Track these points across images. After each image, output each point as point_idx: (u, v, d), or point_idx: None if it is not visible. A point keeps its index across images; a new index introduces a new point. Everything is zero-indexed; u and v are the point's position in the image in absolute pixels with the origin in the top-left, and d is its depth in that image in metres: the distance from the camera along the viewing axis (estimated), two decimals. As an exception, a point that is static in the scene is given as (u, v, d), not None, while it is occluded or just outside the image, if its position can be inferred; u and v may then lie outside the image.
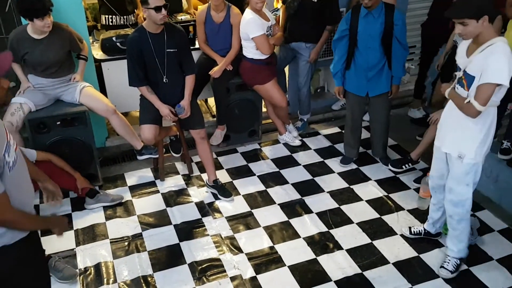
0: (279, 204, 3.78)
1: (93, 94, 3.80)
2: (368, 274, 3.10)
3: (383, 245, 3.33)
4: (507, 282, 3.03)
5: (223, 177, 4.07)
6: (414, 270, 3.13)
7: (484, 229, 3.46)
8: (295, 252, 3.29)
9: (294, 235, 3.45)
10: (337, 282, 3.04)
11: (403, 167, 4.11)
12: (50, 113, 3.67)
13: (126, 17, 4.86)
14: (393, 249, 3.31)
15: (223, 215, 3.66)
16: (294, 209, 3.72)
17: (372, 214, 3.65)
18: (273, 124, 4.69)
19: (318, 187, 3.99)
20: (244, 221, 3.60)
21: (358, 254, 3.27)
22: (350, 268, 3.15)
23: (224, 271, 3.14)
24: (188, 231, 3.49)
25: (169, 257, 3.25)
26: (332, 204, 3.77)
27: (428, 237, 3.35)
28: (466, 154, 2.77)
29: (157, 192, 3.95)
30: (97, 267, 3.17)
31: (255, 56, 4.12)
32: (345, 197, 3.86)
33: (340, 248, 3.32)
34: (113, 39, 4.20)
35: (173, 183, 4.06)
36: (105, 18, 4.84)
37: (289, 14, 4.40)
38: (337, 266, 3.16)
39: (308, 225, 3.54)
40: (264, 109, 4.66)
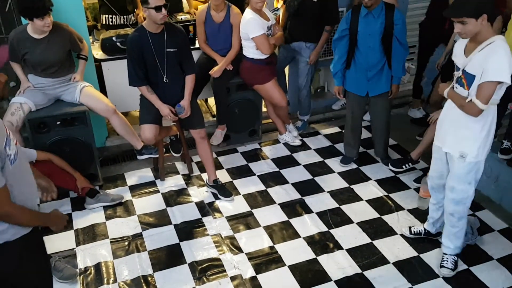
0: (279, 204, 3.78)
1: (93, 94, 3.80)
2: (368, 274, 3.10)
3: (383, 245, 3.34)
4: (507, 282, 3.03)
5: (223, 177, 4.06)
6: (414, 270, 3.13)
7: (484, 229, 3.46)
8: (295, 252, 3.28)
9: (294, 235, 3.45)
10: (337, 282, 3.04)
11: (403, 167, 4.11)
12: (50, 113, 3.67)
13: (126, 16, 4.86)
14: (393, 249, 3.31)
15: (223, 215, 3.66)
16: (294, 209, 3.72)
17: (372, 214, 3.65)
18: (273, 124, 4.69)
19: (318, 187, 3.99)
20: (244, 221, 3.60)
21: (358, 254, 3.26)
22: (350, 268, 3.15)
23: (224, 271, 3.14)
24: (188, 231, 3.49)
25: (169, 257, 3.25)
26: (332, 204, 3.77)
27: (428, 237, 3.35)
28: (469, 153, 2.77)
29: (157, 192, 3.95)
30: (97, 267, 3.17)
31: (255, 56, 4.11)
32: (345, 197, 3.86)
33: (340, 248, 3.32)
34: (113, 38, 4.20)
35: (173, 183, 4.06)
36: (105, 17, 4.84)
37: (289, 13, 4.39)
38: (337, 266, 3.16)
39: (308, 225, 3.54)
40: (264, 109, 4.66)
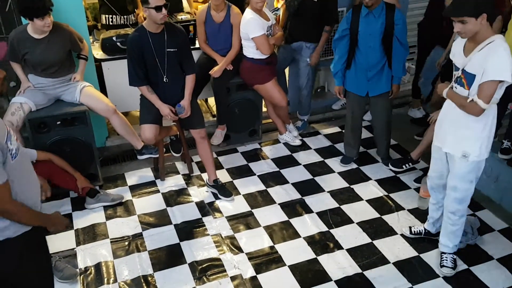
0: (279, 204, 3.78)
1: (93, 93, 3.80)
2: (368, 273, 3.10)
3: (383, 245, 3.34)
4: (507, 281, 3.03)
5: (223, 176, 4.06)
6: (415, 270, 3.13)
7: (485, 228, 3.46)
8: (295, 251, 3.29)
9: (295, 234, 3.45)
10: (338, 282, 3.04)
11: (403, 166, 4.10)
12: (51, 112, 3.67)
13: (126, 16, 4.86)
14: (393, 248, 3.31)
15: (224, 215, 3.66)
16: (294, 208, 3.72)
17: (373, 214, 3.65)
18: (274, 124, 4.69)
19: (318, 186, 3.99)
20: (244, 220, 3.60)
21: (359, 253, 3.27)
22: (350, 267, 3.15)
23: (224, 270, 3.14)
24: (189, 230, 3.49)
25: (169, 257, 3.25)
26: (332, 203, 3.77)
27: (428, 237, 3.35)
28: (471, 153, 2.77)
29: (157, 191, 3.95)
30: (97, 266, 3.17)
31: (256, 56, 4.11)
32: (345, 196, 3.86)
33: (340, 247, 3.32)
34: (114, 38, 4.19)
35: (173, 182, 4.06)
36: (106, 17, 4.84)
37: (289, 13, 4.39)
38: (337, 266, 3.16)
39: (309, 225, 3.54)
40: (264, 109, 4.66)
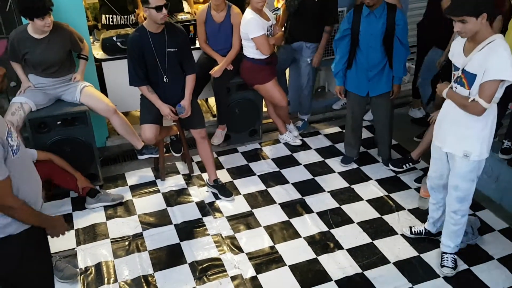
0: (279, 204, 3.78)
1: (93, 93, 3.80)
2: (368, 273, 3.10)
3: (383, 245, 3.33)
4: (507, 281, 3.03)
5: (223, 176, 4.06)
6: (415, 270, 3.13)
7: (485, 228, 3.46)
8: (295, 251, 3.29)
9: (295, 234, 3.45)
10: (338, 282, 3.04)
11: (403, 166, 4.10)
12: (51, 112, 3.67)
13: (126, 16, 4.86)
14: (393, 248, 3.31)
15: (224, 215, 3.66)
16: (294, 208, 3.72)
17: (373, 214, 3.65)
18: (274, 124, 4.68)
19: (318, 186, 3.99)
20: (244, 220, 3.60)
21: (359, 253, 3.27)
22: (350, 267, 3.15)
23: (224, 270, 3.14)
24: (189, 230, 3.49)
25: (169, 257, 3.25)
26: (332, 203, 3.77)
27: (428, 237, 3.35)
28: (473, 152, 2.76)
29: (157, 191, 3.95)
30: (97, 266, 3.17)
31: (256, 56, 4.11)
32: (345, 196, 3.86)
33: (340, 247, 3.32)
34: (114, 38, 4.20)
35: (173, 182, 4.06)
36: (106, 17, 4.84)
37: (289, 13, 4.39)
38: (337, 266, 3.16)
39: (309, 225, 3.54)
40: (264, 109, 4.66)
